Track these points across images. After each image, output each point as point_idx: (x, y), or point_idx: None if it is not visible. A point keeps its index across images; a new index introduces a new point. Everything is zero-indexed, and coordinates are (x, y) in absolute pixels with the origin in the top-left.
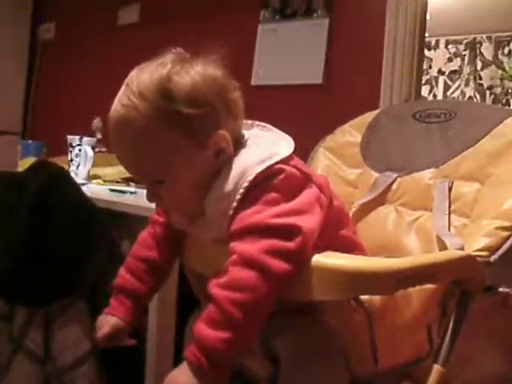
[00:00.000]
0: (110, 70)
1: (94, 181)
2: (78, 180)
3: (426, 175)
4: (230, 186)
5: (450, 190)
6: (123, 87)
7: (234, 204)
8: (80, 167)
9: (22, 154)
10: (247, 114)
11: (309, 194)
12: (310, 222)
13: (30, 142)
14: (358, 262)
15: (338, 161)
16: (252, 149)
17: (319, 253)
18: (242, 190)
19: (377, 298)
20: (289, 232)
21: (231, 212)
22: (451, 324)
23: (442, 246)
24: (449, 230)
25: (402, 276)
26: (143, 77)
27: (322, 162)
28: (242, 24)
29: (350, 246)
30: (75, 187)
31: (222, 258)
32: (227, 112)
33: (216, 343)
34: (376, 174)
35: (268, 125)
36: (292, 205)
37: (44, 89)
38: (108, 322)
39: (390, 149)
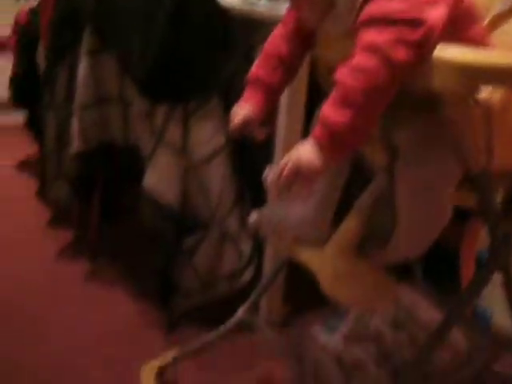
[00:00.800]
0: None
1: None
2: None
3: None
4: None
5: None
6: None
7: None
8: None
9: None
10: None
11: None
12: (437, 12)
13: None
14: (479, 54)
15: None
16: None
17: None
18: None
19: (497, 96)
20: (415, 23)
21: (358, 5)
22: None
23: None
24: None
25: None
26: None
27: None
28: None
29: (481, 43)
30: None
31: (351, 50)
32: None
33: (337, 117)
34: None
35: None
36: None
37: None
38: (240, 112)
39: None
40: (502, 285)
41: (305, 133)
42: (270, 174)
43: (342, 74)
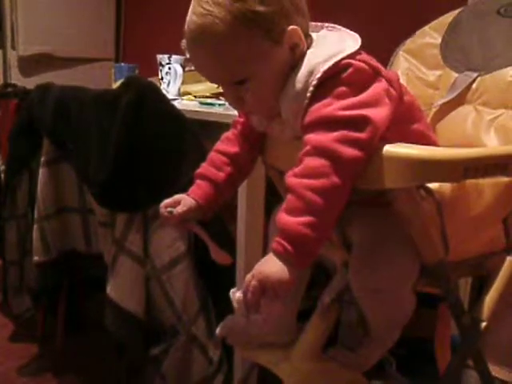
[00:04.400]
0: None
1: (185, 97)
2: (169, 96)
3: (508, 72)
4: (299, 85)
5: None
6: (193, 1)
7: (306, 102)
8: (170, 84)
9: (116, 77)
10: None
11: (378, 88)
12: (379, 113)
13: (123, 64)
14: (424, 150)
15: (418, 63)
16: (319, 48)
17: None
18: (311, 89)
19: (447, 188)
20: (359, 122)
21: (302, 111)
22: None
23: None
24: None
25: (469, 164)
26: None
27: (402, 65)
28: None
29: (423, 141)
30: (165, 99)
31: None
32: (295, 9)
33: (299, 228)
34: (456, 75)
35: (337, 26)
36: (361, 97)
37: (134, 11)
38: (184, 202)
39: (470, 48)
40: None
41: (265, 230)
42: (235, 293)
43: (294, 179)
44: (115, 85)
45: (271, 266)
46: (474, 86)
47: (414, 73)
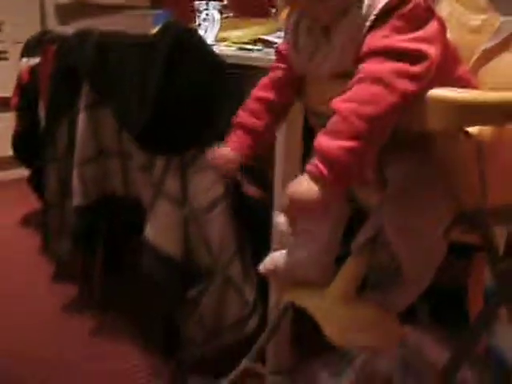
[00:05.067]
0: None
1: (223, 43)
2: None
3: None
4: (360, 15)
5: None
6: None
7: (365, 30)
8: (208, 31)
9: (155, 23)
10: None
11: (433, 26)
12: (435, 50)
13: (161, 11)
14: (467, 93)
15: (462, 7)
16: None
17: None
18: (372, 17)
19: (488, 132)
20: (417, 56)
21: (358, 41)
22: None
23: None
24: None
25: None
26: None
27: (445, 8)
28: None
29: (463, 83)
30: (204, 44)
31: (339, 92)
32: None
33: (339, 152)
34: (502, 18)
35: None
36: (419, 33)
37: None
38: (222, 154)
39: None
40: (509, 321)
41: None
42: (279, 219)
43: (342, 104)
44: (154, 31)
45: (302, 183)
46: None
47: (457, 19)
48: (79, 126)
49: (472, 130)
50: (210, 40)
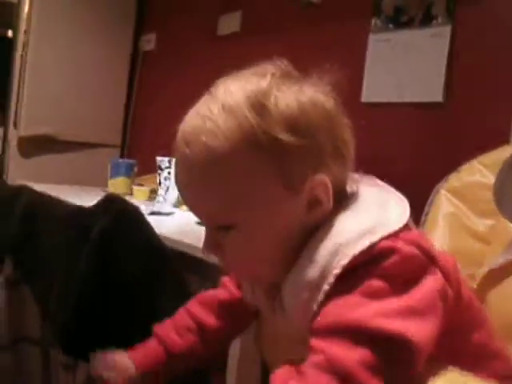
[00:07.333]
0: (209, 81)
1: (184, 206)
2: (167, 206)
3: None
4: (315, 270)
5: None
6: (205, 95)
7: (321, 297)
8: (169, 191)
9: (113, 172)
10: (356, 134)
11: (429, 285)
12: (426, 328)
13: (121, 160)
14: None
15: (465, 207)
16: (350, 215)
17: (438, 367)
18: (331, 280)
19: None
20: (397, 344)
21: (315, 307)
22: None
23: None
24: None
25: None
26: (233, 85)
27: (445, 208)
28: (351, 34)
29: (482, 354)
30: (146, 230)
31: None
32: (334, 154)
33: None
34: None
35: (377, 179)
36: (406, 301)
37: (143, 101)
38: (119, 362)
39: None
40: None
41: None
42: None
43: None
44: (110, 182)
45: None
46: None
47: (459, 220)
48: None
49: None
50: (169, 203)
